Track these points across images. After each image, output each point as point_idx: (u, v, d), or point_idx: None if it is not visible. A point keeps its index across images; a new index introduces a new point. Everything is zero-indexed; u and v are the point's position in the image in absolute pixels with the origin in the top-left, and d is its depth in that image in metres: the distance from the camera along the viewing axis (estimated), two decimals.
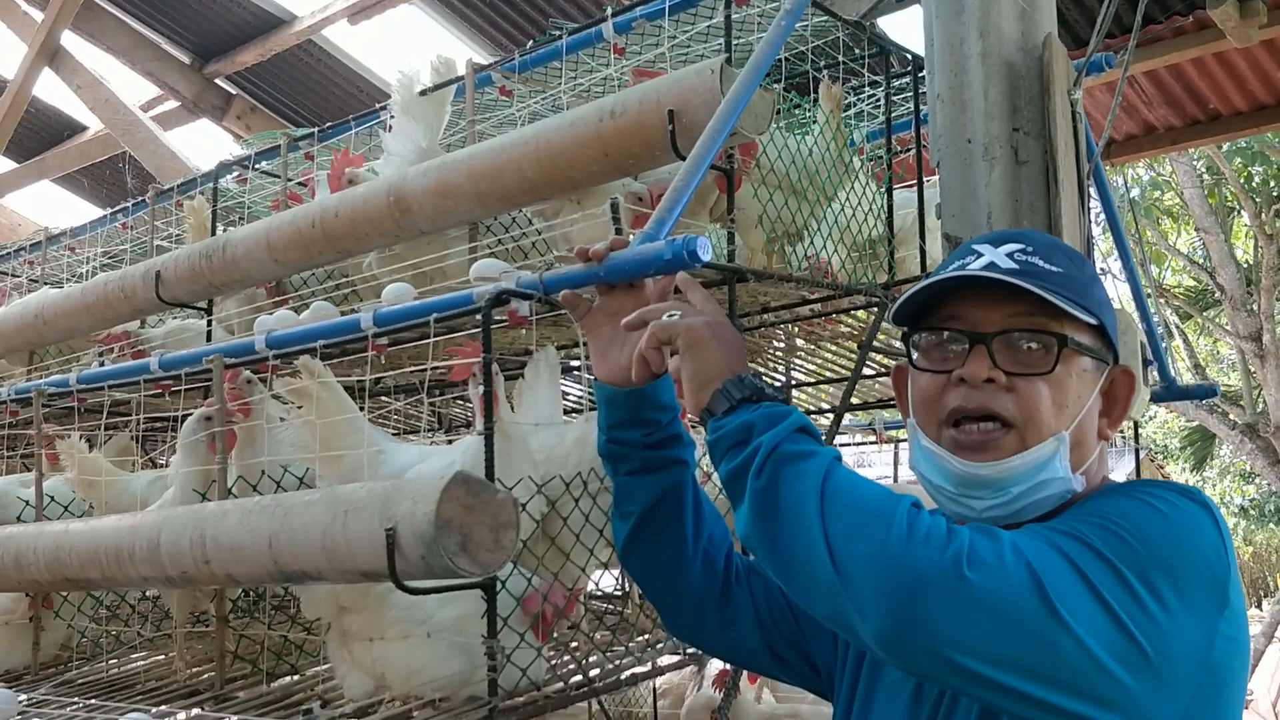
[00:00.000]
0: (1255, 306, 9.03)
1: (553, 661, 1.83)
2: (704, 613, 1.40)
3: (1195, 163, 8.87)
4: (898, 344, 3.03)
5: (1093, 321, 1.13)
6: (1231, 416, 9.43)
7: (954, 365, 1.15)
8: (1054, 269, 1.14)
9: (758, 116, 1.86)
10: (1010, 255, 1.16)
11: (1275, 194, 9.10)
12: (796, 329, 2.90)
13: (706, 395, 1.18)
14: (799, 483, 1.05)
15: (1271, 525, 15.55)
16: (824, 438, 2.54)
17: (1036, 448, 1.11)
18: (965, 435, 1.14)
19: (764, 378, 1.19)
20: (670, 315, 1.25)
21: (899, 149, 2.77)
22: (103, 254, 3.89)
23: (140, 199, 3.58)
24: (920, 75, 2.65)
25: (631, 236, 1.51)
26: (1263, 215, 8.97)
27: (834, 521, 1.02)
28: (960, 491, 1.15)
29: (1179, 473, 14.88)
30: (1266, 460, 9.12)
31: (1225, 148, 8.39)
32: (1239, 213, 9.92)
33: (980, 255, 1.17)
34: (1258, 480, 14.03)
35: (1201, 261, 10.01)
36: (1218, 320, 10.42)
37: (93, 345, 3.27)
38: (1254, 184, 9.25)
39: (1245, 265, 9.81)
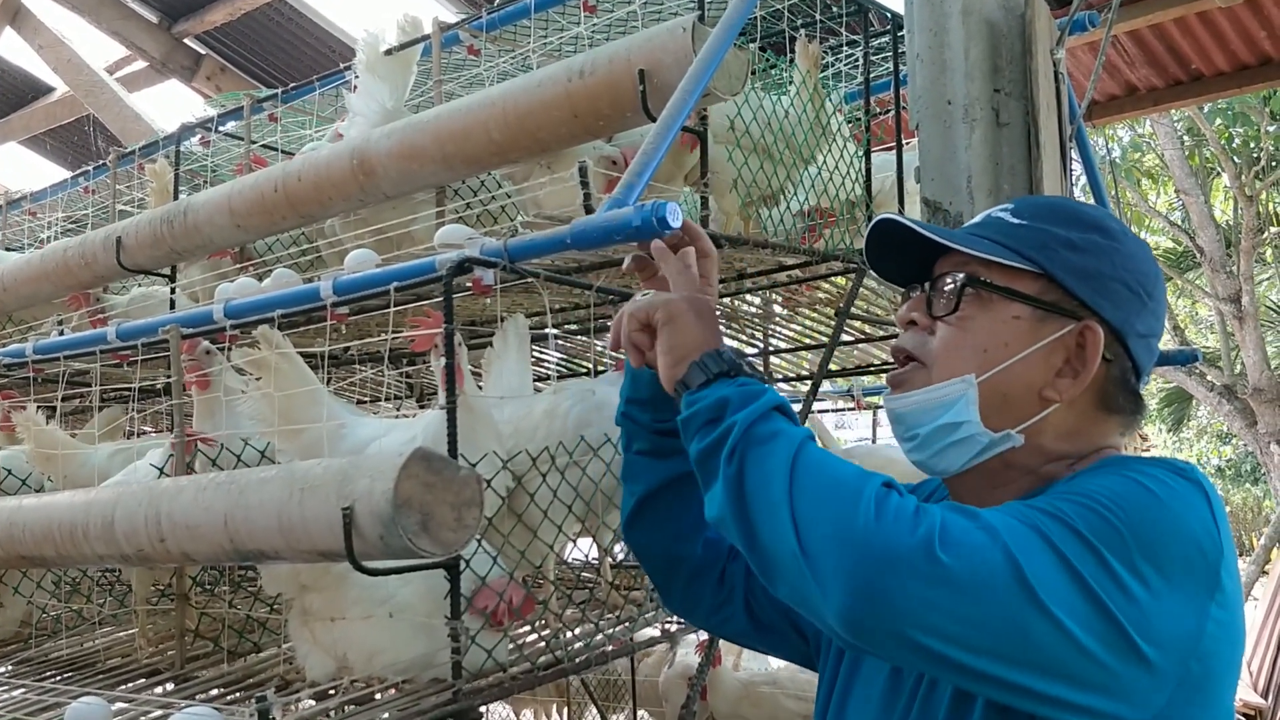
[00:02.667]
0: (1234, 268, 9.03)
1: (520, 641, 1.79)
2: (700, 591, 1.37)
3: (1176, 124, 8.81)
4: (876, 309, 2.99)
5: (1029, 269, 1.11)
6: (1209, 378, 9.43)
7: None
8: (1019, 223, 1.15)
9: (731, 76, 1.79)
10: (990, 212, 1.19)
11: (1255, 155, 9.06)
12: (774, 295, 2.86)
13: (682, 369, 1.15)
14: (769, 462, 1.02)
15: (1248, 485, 15.70)
16: (802, 403, 2.50)
17: (938, 385, 1.12)
18: (891, 374, 1.19)
19: (745, 358, 1.16)
20: (643, 295, 1.22)
21: (877, 110, 2.71)
22: (65, 218, 3.80)
23: (101, 163, 3.49)
24: (900, 34, 2.59)
25: (600, 201, 1.45)
26: (1243, 177, 8.94)
27: (801, 500, 0.98)
28: (893, 432, 1.19)
29: (1157, 433, 14.99)
30: (1244, 421, 9.13)
31: (1206, 109, 8.34)
32: (1219, 174, 9.90)
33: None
34: (1234, 441, 14.14)
35: (1181, 223, 9.99)
36: (1197, 282, 10.41)
37: (55, 313, 3.19)
38: (1234, 145, 9.20)
39: (1225, 227, 9.80)
